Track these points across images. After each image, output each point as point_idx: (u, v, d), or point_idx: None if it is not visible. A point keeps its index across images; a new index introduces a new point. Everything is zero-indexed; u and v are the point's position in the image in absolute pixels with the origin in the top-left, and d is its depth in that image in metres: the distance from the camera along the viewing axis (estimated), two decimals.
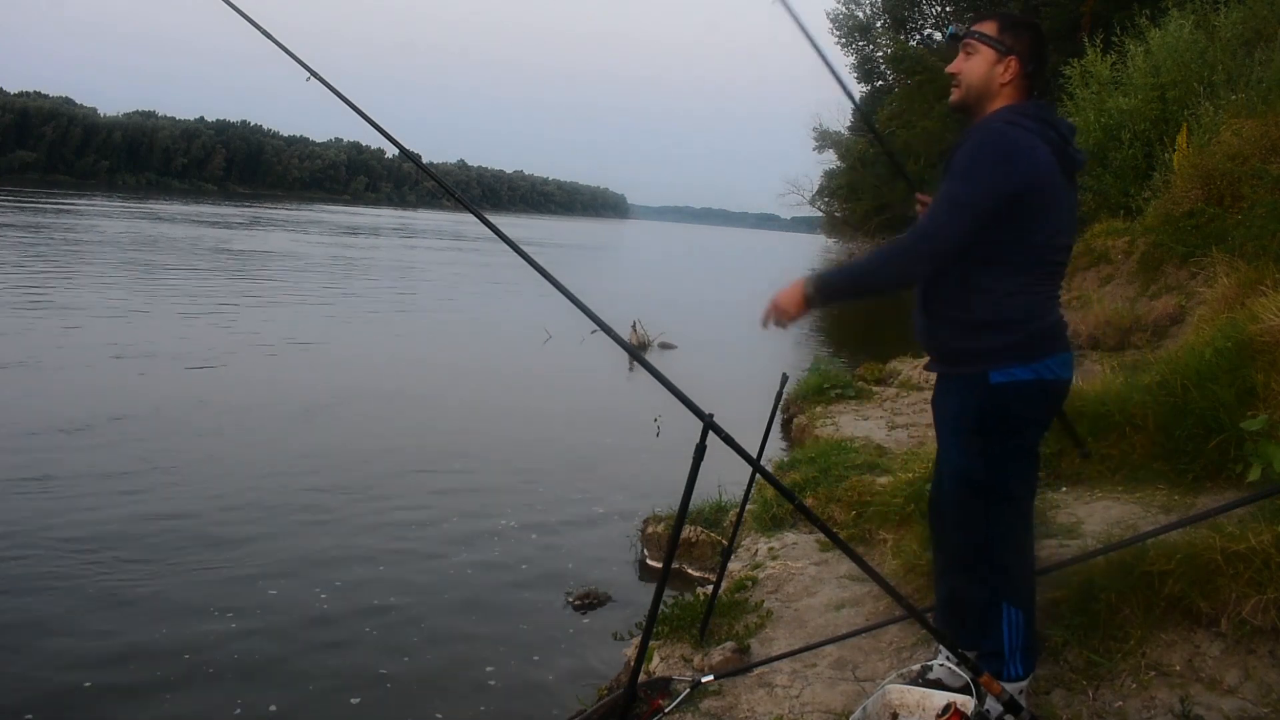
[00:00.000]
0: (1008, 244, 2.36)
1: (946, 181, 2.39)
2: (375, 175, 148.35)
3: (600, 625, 4.81)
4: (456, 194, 2.88)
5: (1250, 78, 8.78)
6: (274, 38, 3.10)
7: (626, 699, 2.71)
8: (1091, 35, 13.58)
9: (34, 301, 13.96)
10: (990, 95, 2.45)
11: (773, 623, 3.77)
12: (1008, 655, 2.47)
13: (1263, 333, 3.93)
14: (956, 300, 2.44)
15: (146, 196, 73.09)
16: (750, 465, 2.58)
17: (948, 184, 2.38)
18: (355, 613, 4.84)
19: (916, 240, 2.39)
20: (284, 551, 5.54)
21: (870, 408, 8.33)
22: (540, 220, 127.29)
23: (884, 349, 12.10)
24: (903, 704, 2.52)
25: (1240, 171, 7.27)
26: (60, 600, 4.70)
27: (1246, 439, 3.51)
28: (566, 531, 6.27)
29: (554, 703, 4.03)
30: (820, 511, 4.68)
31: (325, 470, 7.20)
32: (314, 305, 17.16)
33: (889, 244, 2.53)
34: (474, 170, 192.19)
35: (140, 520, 5.82)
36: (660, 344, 14.36)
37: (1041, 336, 2.41)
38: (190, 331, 12.82)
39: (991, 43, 2.43)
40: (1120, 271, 8.57)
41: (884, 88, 37.01)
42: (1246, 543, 2.71)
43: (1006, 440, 2.43)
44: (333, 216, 63.48)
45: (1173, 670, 2.68)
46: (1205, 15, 10.88)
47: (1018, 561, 2.53)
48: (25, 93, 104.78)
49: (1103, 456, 4.06)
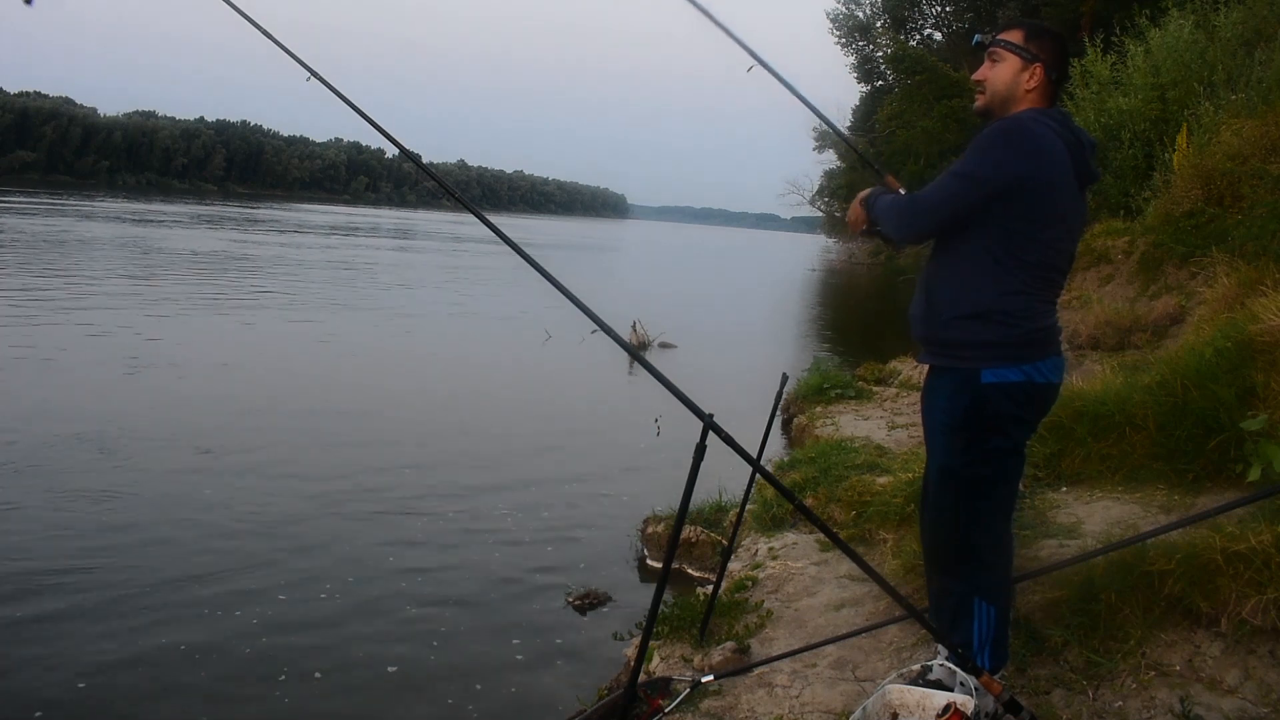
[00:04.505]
0: (1012, 239, 2.38)
1: (957, 160, 2.44)
2: (375, 175, 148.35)
3: (600, 625, 4.82)
4: (456, 194, 2.88)
5: (1250, 78, 8.77)
6: (274, 37, 3.10)
7: (626, 699, 2.71)
8: (1091, 35, 13.56)
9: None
10: (1014, 102, 2.49)
11: (773, 623, 3.77)
12: (976, 648, 2.51)
13: (1263, 333, 3.93)
14: (956, 290, 2.46)
15: (147, 196, 73.02)
16: (750, 465, 2.58)
17: (958, 161, 2.44)
18: (354, 613, 4.84)
19: (914, 204, 2.52)
20: (281, 553, 5.53)
21: (870, 408, 8.34)
22: (540, 220, 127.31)
23: (884, 349, 12.12)
24: (903, 704, 2.51)
25: (1240, 171, 7.26)
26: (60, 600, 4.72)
27: (1246, 439, 3.52)
28: (566, 531, 6.27)
29: (554, 703, 4.03)
30: (820, 511, 4.68)
31: (322, 470, 7.19)
32: (314, 306, 17.16)
33: (900, 198, 2.62)
34: (474, 170, 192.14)
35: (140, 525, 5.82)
36: (660, 344, 14.36)
37: (1035, 338, 2.43)
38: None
39: (1017, 50, 2.48)
40: (1120, 271, 8.57)
41: (884, 88, 37.00)
42: (1246, 543, 2.72)
43: (992, 439, 2.46)
44: (322, 217, 63.31)
45: (1173, 670, 2.68)
46: (1205, 15, 10.87)
47: (995, 558, 2.58)
48: (25, 93, 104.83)
49: (1103, 456, 4.06)
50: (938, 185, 2.46)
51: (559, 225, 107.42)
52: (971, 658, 2.46)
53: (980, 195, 2.37)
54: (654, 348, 14.11)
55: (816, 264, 54.78)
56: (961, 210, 2.41)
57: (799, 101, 3.34)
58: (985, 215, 2.39)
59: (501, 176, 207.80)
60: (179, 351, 11.17)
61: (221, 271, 21.56)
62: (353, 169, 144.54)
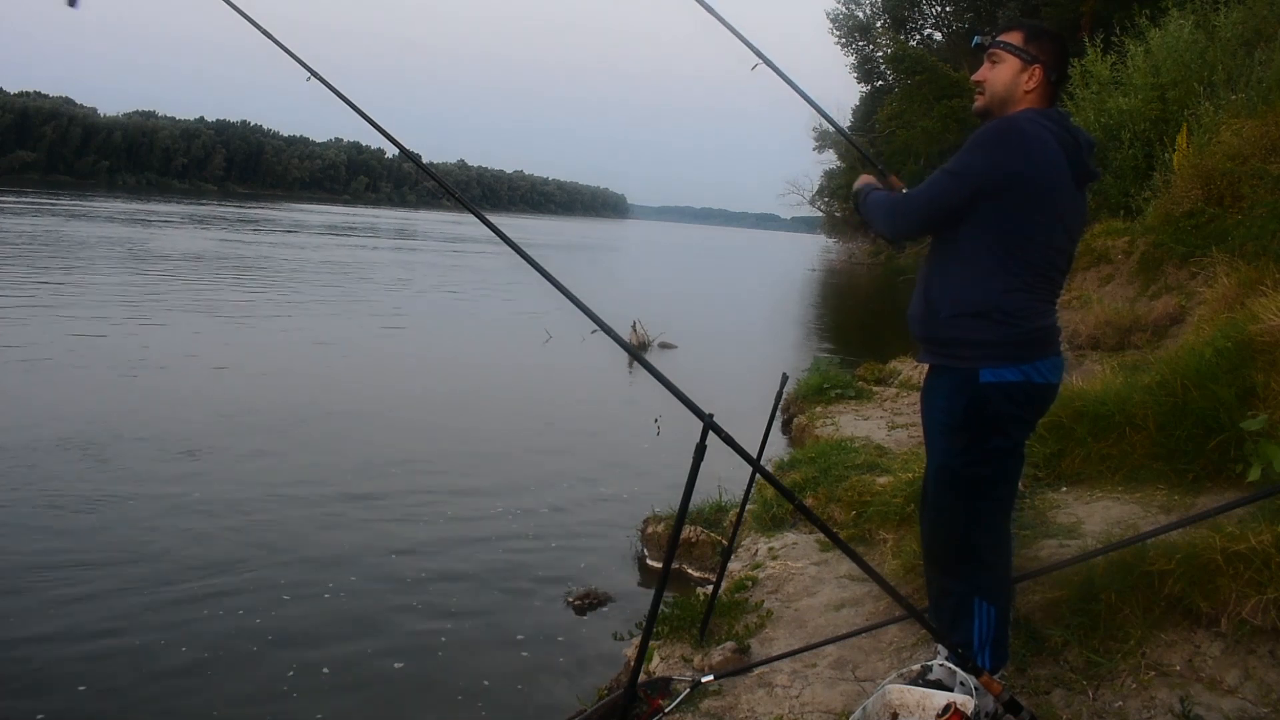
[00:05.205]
0: (1010, 238, 2.39)
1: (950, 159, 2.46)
2: (375, 175, 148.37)
3: (600, 625, 4.82)
4: (456, 194, 2.88)
5: (1250, 78, 8.76)
6: (274, 37, 3.10)
7: (626, 699, 2.71)
8: (1091, 35, 13.57)
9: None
10: (1013, 103, 2.50)
11: (773, 623, 3.77)
12: (977, 648, 2.51)
13: (1263, 333, 3.93)
14: (955, 289, 2.47)
15: (144, 196, 72.99)
16: (750, 465, 2.58)
17: (951, 159, 2.45)
18: (353, 613, 4.84)
19: (907, 201, 2.55)
20: (282, 553, 5.53)
21: (870, 408, 8.34)
22: (540, 220, 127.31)
23: (884, 349, 12.12)
24: (903, 704, 2.51)
25: (1240, 171, 7.26)
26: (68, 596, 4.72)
27: (1246, 439, 3.52)
28: (566, 531, 6.27)
29: (554, 703, 4.03)
30: (820, 511, 4.68)
31: (323, 471, 7.19)
32: (314, 306, 17.16)
33: (895, 196, 2.64)
34: (474, 170, 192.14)
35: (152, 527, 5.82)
36: (660, 344, 14.36)
37: (1034, 338, 2.44)
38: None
39: (1017, 52, 2.49)
40: (1120, 271, 8.57)
41: (884, 88, 37.02)
42: (1246, 543, 2.72)
43: (991, 439, 2.47)
44: (318, 217, 63.24)
45: (1173, 670, 2.68)
46: (1205, 15, 10.87)
47: (995, 558, 2.58)
48: (25, 93, 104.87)
49: (1103, 456, 4.06)
50: (929, 183, 2.48)
51: (559, 225, 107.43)
52: (971, 658, 2.47)
53: (970, 193, 2.38)
54: (654, 348, 14.11)
55: (816, 264, 54.80)
56: (952, 208, 2.42)
57: (800, 101, 3.34)
58: (981, 214, 2.39)
59: (501, 176, 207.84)
60: (179, 352, 11.19)
61: (212, 272, 21.56)
62: (353, 169, 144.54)
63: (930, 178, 2.48)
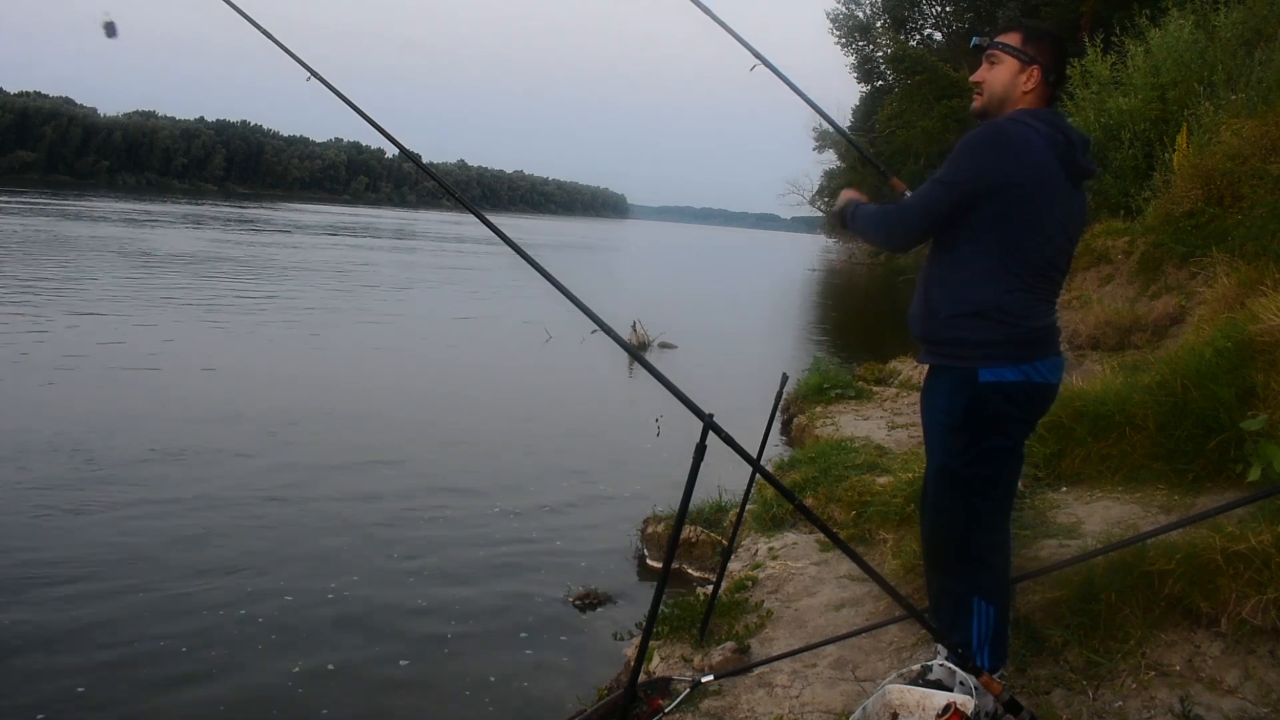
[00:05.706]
0: (1007, 239, 2.40)
1: (941, 167, 2.47)
2: (375, 175, 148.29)
3: (600, 625, 4.82)
4: (456, 194, 2.89)
5: (1250, 78, 8.76)
6: (274, 37, 3.10)
7: (626, 699, 2.71)
8: (1091, 35, 13.56)
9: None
10: (1011, 103, 2.51)
11: (773, 623, 3.77)
12: (975, 648, 2.51)
13: (1263, 333, 3.93)
14: (955, 288, 2.47)
15: (143, 196, 72.96)
16: (750, 465, 2.58)
17: (941, 167, 2.47)
18: (354, 612, 4.85)
19: (901, 213, 2.56)
20: (283, 553, 5.54)
21: (870, 408, 8.34)
22: (540, 220, 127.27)
23: (884, 349, 12.13)
24: (903, 704, 2.51)
25: (1240, 171, 7.26)
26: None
27: (1246, 439, 3.52)
28: (566, 531, 6.28)
29: (554, 703, 4.04)
30: (820, 511, 4.68)
31: (323, 471, 7.19)
32: (319, 309, 17.16)
33: (888, 208, 2.65)
34: (474, 170, 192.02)
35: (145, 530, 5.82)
36: (660, 344, 14.36)
37: (1034, 337, 2.44)
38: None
39: (1015, 53, 2.49)
40: (1120, 271, 8.56)
41: (884, 88, 37.01)
42: (1246, 543, 2.72)
43: (991, 438, 2.47)
44: (316, 217, 63.23)
45: (1173, 670, 2.68)
46: (1205, 15, 10.86)
47: (994, 558, 2.58)
48: (25, 93, 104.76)
49: (1103, 456, 4.06)
50: (920, 193, 2.50)
51: (559, 225, 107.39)
52: (971, 657, 2.47)
53: (961, 200, 2.40)
54: (654, 348, 14.11)
55: (816, 264, 54.81)
56: (946, 215, 2.44)
57: (800, 101, 3.35)
58: (978, 217, 2.40)
59: (501, 176, 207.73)
60: (179, 352, 11.19)
61: (209, 273, 21.56)
62: (353, 169, 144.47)
63: (921, 187, 2.50)
